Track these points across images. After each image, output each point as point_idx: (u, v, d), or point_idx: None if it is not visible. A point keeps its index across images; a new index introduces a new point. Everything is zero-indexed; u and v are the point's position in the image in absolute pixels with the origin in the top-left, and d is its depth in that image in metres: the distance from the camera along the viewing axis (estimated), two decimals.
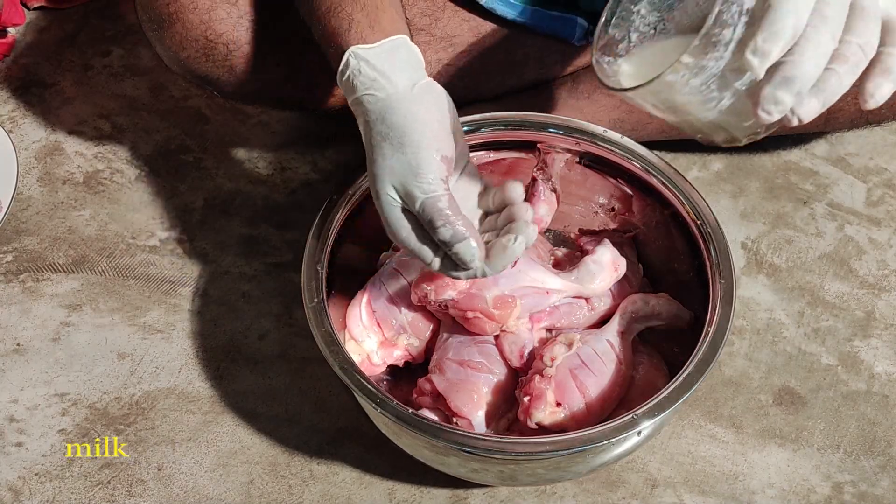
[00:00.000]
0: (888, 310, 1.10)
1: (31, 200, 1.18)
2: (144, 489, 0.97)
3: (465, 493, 0.97)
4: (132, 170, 1.22)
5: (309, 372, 1.05)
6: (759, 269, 1.13)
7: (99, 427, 1.01)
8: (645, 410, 0.84)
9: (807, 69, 0.65)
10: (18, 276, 1.12)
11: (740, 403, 1.04)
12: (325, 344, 0.88)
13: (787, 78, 0.65)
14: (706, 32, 0.66)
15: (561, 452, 0.83)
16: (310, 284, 0.92)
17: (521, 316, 0.93)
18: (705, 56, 0.67)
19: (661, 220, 1.00)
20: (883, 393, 1.05)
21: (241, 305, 1.10)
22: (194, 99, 1.29)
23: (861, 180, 1.22)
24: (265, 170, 1.22)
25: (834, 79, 0.66)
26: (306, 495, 0.97)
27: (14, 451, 0.99)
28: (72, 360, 1.06)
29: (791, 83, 0.65)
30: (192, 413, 1.02)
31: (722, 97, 0.70)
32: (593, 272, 0.96)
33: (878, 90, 0.67)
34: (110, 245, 1.15)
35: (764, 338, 1.08)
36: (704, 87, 0.69)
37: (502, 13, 1.11)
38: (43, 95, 1.29)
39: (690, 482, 0.98)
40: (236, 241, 1.15)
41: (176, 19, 1.00)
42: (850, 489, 0.98)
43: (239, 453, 1.00)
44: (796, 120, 0.66)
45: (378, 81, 0.83)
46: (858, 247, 1.16)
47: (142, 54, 1.33)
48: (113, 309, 1.10)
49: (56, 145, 1.24)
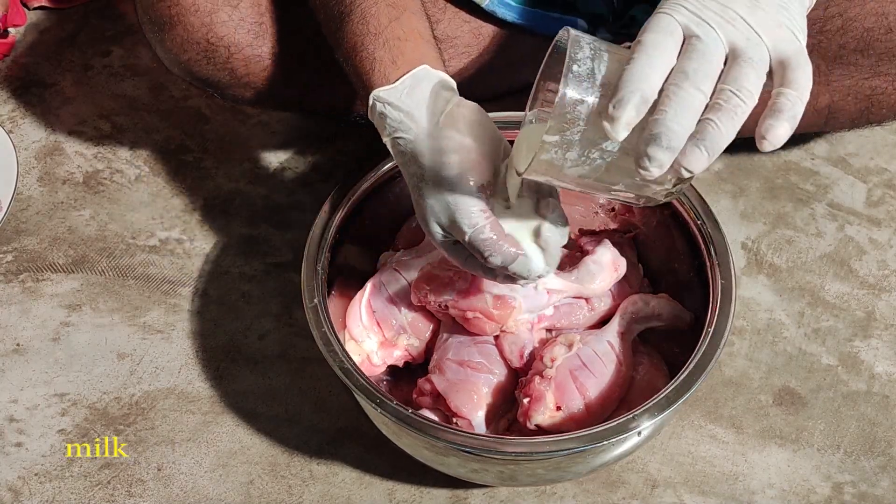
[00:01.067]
0: (888, 310, 1.10)
1: (31, 200, 1.18)
2: (144, 489, 0.97)
3: (464, 494, 0.97)
4: (132, 170, 1.22)
5: (309, 372, 1.05)
6: (759, 270, 1.13)
7: (99, 427, 1.01)
8: (645, 411, 0.84)
9: (671, 125, 0.66)
10: (18, 276, 1.12)
11: (740, 404, 1.04)
12: (324, 344, 0.88)
13: (653, 135, 0.66)
14: (558, 111, 0.69)
15: (561, 453, 0.83)
16: (309, 284, 0.92)
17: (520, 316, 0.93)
18: (567, 131, 0.69)
19: (661, 220, 1.00)
20: (883, 393, 1.05)
21: (241, 305, 1.10)
22: (194, 99, 1.29)
23: (861, 180, 1.22)
24: (265, 170, 1.22)
25: (710, 127, 0.67)
26: (306, 495, 0.97)
27: (14, 451, 0.99)
28: (71, 361, 1.06)
29: (658, 139, 0.66)
30: (191, 413, 1.02)
31: (607, 168, 0.73)
32: (593, 272, 0.96)
33: (769, 132, 0.68)
34: (110, 245, 1.15)
35: (764, 338, 1.08)
36: (584, 157, 0.71)
37: (502, 15, 1.11)
38: (43, 95, 1.29)
39: (690, 482, 0.98)
40: (236, 241, 1.15)
41: (177, 22, 1.00)
42: (850, 489, 0.98)
43: (239, 453, 1.00)
44: (685, 171, 0.67)
45: (404, 123, 0.83)
46: (859, 247, 1.16)
47: (142, 54, 1.33)
48: (113, 309, 1.10)
49: (56, 145, 1.24)
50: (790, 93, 0.68)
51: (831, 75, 1.07)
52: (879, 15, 1.04)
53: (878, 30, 1.04)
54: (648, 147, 0.66)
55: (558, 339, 0.93)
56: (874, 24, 1.04)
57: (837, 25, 1.05)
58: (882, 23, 1.04)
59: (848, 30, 1.05)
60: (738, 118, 0.67)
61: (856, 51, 1.06)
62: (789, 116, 0.67)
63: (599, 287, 0.96)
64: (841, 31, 1.05)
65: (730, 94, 0.67)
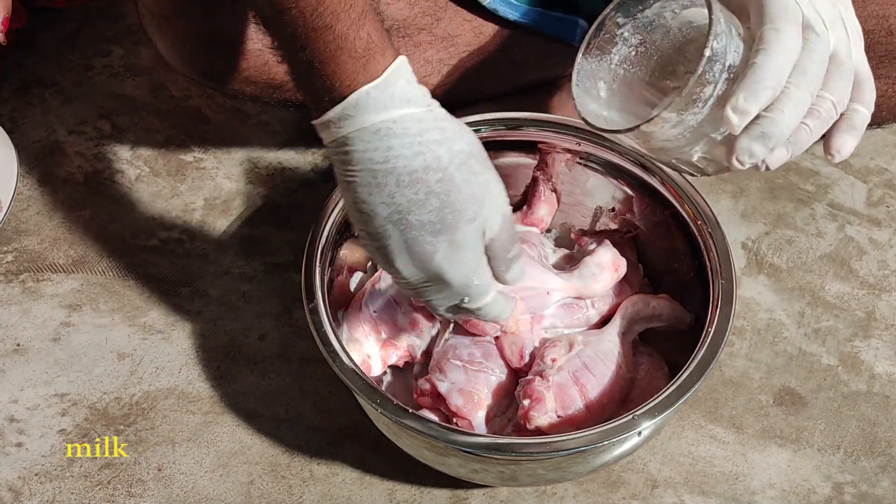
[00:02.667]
0: (889, 310, 1.10)
1: (32, 200, 1.18)
2: (144, 489, 0.97)
3: (465, 494, 0.97)
4: (132, 170, 1.22)
5: (309, 372, 1.05)
6: (759, 270, 1.13)
7: (99, 427, 1.01)
8: (645, 411, 0.84)
9: (784, 127, 0.66)
10: (18, 276, 1.12)
11: (741, 404, 1.04)
12: (324, 344, 0.88)
13: (764, 133, 0.66)
14: (688, 91, 0.67)
15: (561, 453, 0.83)
16: (310, 284, 0.92)
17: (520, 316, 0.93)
18: (685, 112, 0.68)
19: (661, 220, 1.00)
20: (883, 393, 1.05)
21: (241, 305, 1.10)
22: (195, 99, 1.29)
23: (862, 181, 1.22)
24: (265, 170, 1.22)
25: (804, 133, 0.68)
26: (306, 496, 0.97)
27: (14, 452, 0.99)
28: (72, 361, 1.06)
29: (768, 138, 0.66)
30: (192, 413, 1.02)
31: (696, 144, 0.71)
32: (594, 273, 0.96)
33: (844, 146, 0.69)
34: (110, 245, 1.15)
35: (764, 338, 1.08)
36: (681, 136, 0.70)
37: (504, 14, 1.10)
38: (43, 95, 1.29)
39: (691, 482, 0.98)
40: (236, 241, 1.15)
41: (177, 14, 0.99)
42: (850, 490, 0.98)
43: (239, 454, 1.00)
44: (764, 167, 0.67)
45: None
46: (859, 247, 1.16)
47: (142, 54, 1.33)
48: (113, 309, 1.10)
49: (56, 145, 1.24)
50: (863, 111, 0.70)
51: None
52: (880, 18, 1.04)
53: (879, 32, 1.04)
54: (755, 143, 0.66)
55: (559, 340, 0.93)
56: (875, 27, 1.04)
57: None
58: (883, 25, 1.04)
59: None
60: (825, 128, 0.68)
61: None
62: (860, 132, 0.69)
63: (600, 287, 0.96)
64: None
65: (830, 105, 0.68)
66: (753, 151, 0.67)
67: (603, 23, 0.78)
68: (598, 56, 0.78)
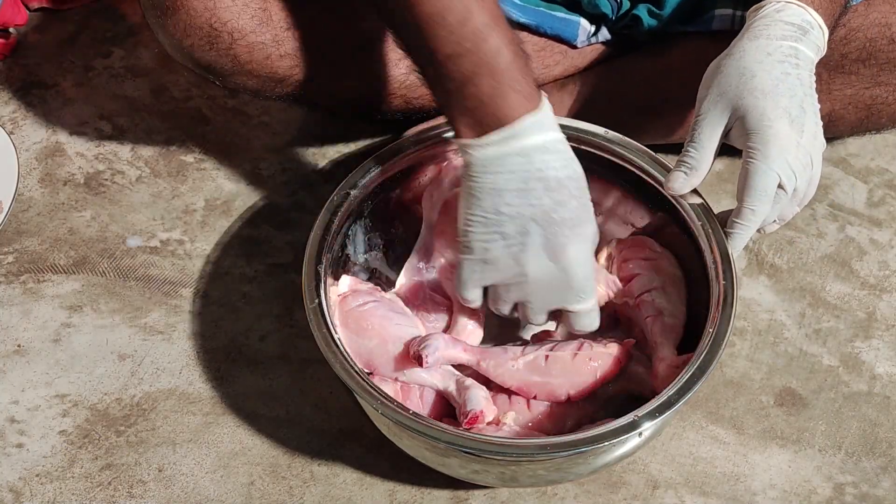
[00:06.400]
0: (889, 311, 1.10)
1: (32, 201, 1.18)
2: (145, 490, 0.97)
3: (465, 495, 0.97)
4: (133, 171, 1.22)
5: (310, 373, 1.05)
6: (760, 270, 1.13)
7: (100, 428, 1.01)
8: (646, 412, 0.84)
9: (739, 244, 0.94)
10: (19, 277, 1.12)
11: (741, 404, 1.04)
12: (325, 345, 0.88)
13: (730, 236, 0.93)
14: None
15: (562, 453, 0.83)
16: (310, 285, 0.91)
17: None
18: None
19: (661, 220, 1.00)
20: (884, 394, 1.04)
21: (241, 306, 1.10)
22: (195, 100, 1.29)
23: (862, 181, 1.22)
24: (266, 170, 1.22)
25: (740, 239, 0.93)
26: (307, 496, 0.97)
27: (15, 453, 0.99)
28: (72, 362, 1.06)
29: (733, 243, 0.93)
30: (192, 414, 1.02)
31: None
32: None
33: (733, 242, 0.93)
34: (111, 246, 1.15)
35: (765, 339, 1.08)
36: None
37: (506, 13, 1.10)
38: (44, 96, 1.29)
39: (691, 483, 0.98)
40: (237, 242, 1.15)
41: (180, 6, 0.99)
42: (851, 490, 0.98)
43: (240, 454, 1.00)
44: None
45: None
46: (860, 248, 1.16)
47: (143, 55, 1.33)
48: (114, 310, 1.10)
49: (57, 146, 1.24)
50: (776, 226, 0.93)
51: (832, 84, 1.08)
52: (882, 25, 1.04)
53: (881, 40, 1.04)
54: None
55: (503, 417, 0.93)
56: (877, 35, 1.04)
57: (840, 35, 1.05)
58: (885, 33, 1.04)
59: (850, 40, 1.06)
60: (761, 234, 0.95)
61: (857, 60, 1.06)
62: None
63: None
64: (843, 41, 1.05)
65: (775, 225, 0.93)
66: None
67: None
68: None
